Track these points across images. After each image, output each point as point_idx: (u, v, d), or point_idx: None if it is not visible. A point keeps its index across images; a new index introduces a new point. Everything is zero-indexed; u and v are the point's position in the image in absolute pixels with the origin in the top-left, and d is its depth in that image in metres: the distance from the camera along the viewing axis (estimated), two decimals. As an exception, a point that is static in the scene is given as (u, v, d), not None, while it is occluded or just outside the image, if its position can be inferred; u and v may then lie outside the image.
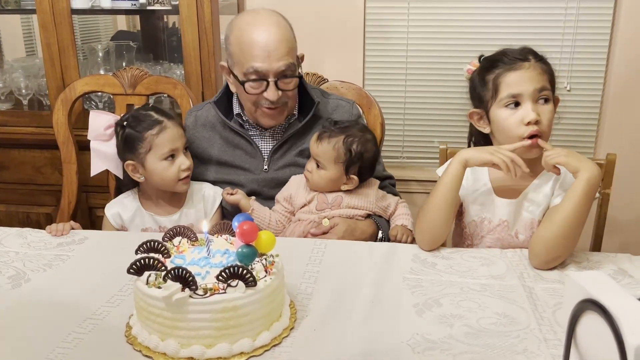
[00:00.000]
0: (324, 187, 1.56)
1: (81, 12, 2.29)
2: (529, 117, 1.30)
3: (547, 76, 1.34)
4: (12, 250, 1.38)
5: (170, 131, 1.53)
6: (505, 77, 1.33)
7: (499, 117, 1.35)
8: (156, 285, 0.93)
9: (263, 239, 1.00)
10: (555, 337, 0.99)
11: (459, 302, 1.11)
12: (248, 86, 1.54)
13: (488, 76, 1.36)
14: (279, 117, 1.62)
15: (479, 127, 1.43)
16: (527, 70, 1.32)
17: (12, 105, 2.44)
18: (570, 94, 2.41)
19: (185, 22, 2.11)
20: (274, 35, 1.51)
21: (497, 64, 1.35)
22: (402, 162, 2.60)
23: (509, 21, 2.37)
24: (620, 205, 2.31)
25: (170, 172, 1.53)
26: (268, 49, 1.49)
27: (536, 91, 1.31)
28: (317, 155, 1.53)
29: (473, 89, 1.43)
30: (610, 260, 1.29)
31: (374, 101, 1.87)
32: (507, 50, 1.38)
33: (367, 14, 2.44)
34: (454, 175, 1.32)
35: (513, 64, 1.33)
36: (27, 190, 2.40)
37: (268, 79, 1.52)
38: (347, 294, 1.15)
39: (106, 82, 1.91)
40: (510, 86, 1.32)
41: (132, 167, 1.56)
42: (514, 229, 1.40)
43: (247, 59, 1.51)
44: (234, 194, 1.58)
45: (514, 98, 1.32)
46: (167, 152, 1.52)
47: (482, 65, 1.41)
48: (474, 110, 1.42)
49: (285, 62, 1.51)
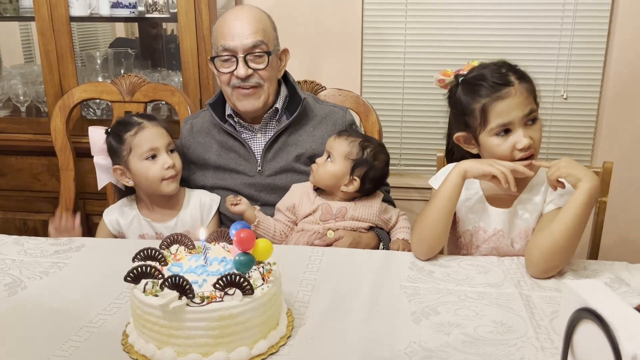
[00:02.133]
0: (326, 181, 1.56)
1: (80, 20, 2.30)
2: (523, 144, 1.29)
3: (532, 96, 1.32)
4: (8, 258, 1.38)
5: (149, 131, 1.54)
6: (493, 107, 1.29)
7: (489, 144, 1.33)
8: (153, 293, 0.93)
9: (260, 247, 1.00)
10: (552, 346, 0.99)
11: (456, 310, 1.11)
12: (219, 64, 1.59)
13: (473, 105, 1.32)
14: (255, 100, 1.62)
15: (467, 148, 1.41)
16: (513, 98, 1.28)
17: (10, 112, 2.45)
18: (566, 102, 2.42)
19: (183, 29, 2.12)
20: (244, 16, 1.59)
21: (480, 91, 1.31)
22: (399, 169, 2.60)
23: (506, 29, 2.38)
24: (617, 214, 2.31)
25: (153, 172, 1.53)
26: (237, 28, 1.57)
27: (525, 116, 1.29)
28: (331, 147, 1.56)
29: (457, 114, 1.39)
30: (607, 268, 1.30)
31: (371, 109, 1.88)
32: (485, 74, 1.32)
33: (365, 22, 2.45)
34: (453, 186, 1.32)
35: (498, 92, 1.29)
36: (24, 197, 2.40)
37: (237, 55, 1.57)
38: (344, 301, 1.15)
39: (104, 89, 1.91)
40: (500, 116, 1.29)
41: (120, 172, 1.57)
42: (510, 238, 1.40)
43: (218, 39, 1.59)
44: (238, 204, 1.57)
45: (504, 127, 1.30)
46: (147, 151, 1.53)
47: (464, 91, 1.36)
48: (461, 134, 1.40)
49: (254, 40, 1.57)
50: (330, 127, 1.68)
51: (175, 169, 1.56)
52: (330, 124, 1.69)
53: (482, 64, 1.38)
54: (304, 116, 1.68)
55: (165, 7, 2.20)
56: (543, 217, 1.35)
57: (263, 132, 1.68)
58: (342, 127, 1.69)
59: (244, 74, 1.57)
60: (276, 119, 1.68)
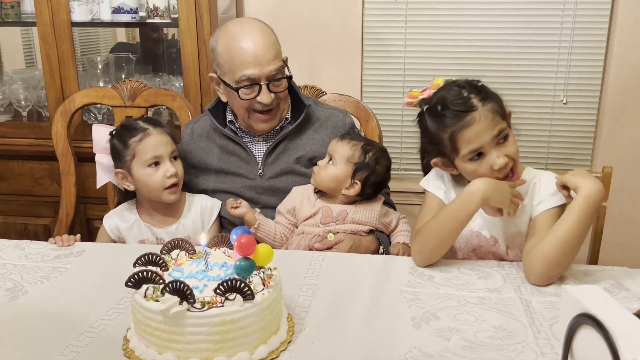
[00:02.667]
0: (327, 184, 1.56)
1: (81, 25, 2.31)
2: (498, 165, 1.27)
3: (498, 115, 1.28)
4: (9, 263, 1.38)
5: (154, 138, 1.53)
6: (460, 135, 1.27)
7: (466, 169, 1.32)
8: (154, 299, 0.93)
9: (261, 252, 1.01)
10: (552, 351, 0.99)
11: (456, 315, 1.11)
12: (242, 93, 1.58)
13: (441, 134, 1.30)
14: (273, 121, 1.64)
15: (447, 171, 1.40)
16: (479, 123, 1.25)
17: (11, 116, 2.45)
18: (566, 107, 2.43)
19: (184, 34, 2.12)
20: (260, 41, 1.56)
21: (444, 121, 1.29)
22: (399, 174, 2.61)
23: (506, 35, 2.39)
24: (616, 219, 2.31)
25: (155, 180, 1.52)
26: (257, 55, 1.55)
27: (495, 137, 1.27)
28: (333, 150, 1.57)
29: (429, 141, 1.37)
30: (607, 273, 1.30)
31: (371, 113, 1.89)
32: (447, 100, 1.29)
33: (365, 27, 2.46)
34: (473, 212, 1.29)
35: (462, 120, 1.26)
36: (25, 201, 2.41)
37: (260, 83, 1.56)
38: (344, 306, 1.15)
39: (105, 94, 1.92)
40: (469, 143, 1.27)
41: (121, 175, 1.57)
42: (504, 245, 1.40)
43: (238, 67, 1.56)
44: (238, 207, 1.57)
45: (475, 152, 1.29)
46: (150, 159, 1.52)
47: (430, 119, 1.33)
48: (437, 160, 1.38)
49: (275, 66, 1.57)
50: (330, 129, 1.69)
51: (178, 177, 1.55)
52: (330, 126, 1.70)
53: (445, 85, 1.35)
54: (306, 120, 1.69)
55: (166, 12, 2.21)
56: (535, 219, 1.34)
57: (265, 136, 1.69)
58: (342, 130, 1.70)
59: (269, 100, 1.57)
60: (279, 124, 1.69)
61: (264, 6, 2.44)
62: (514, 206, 1.30)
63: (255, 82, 1.56)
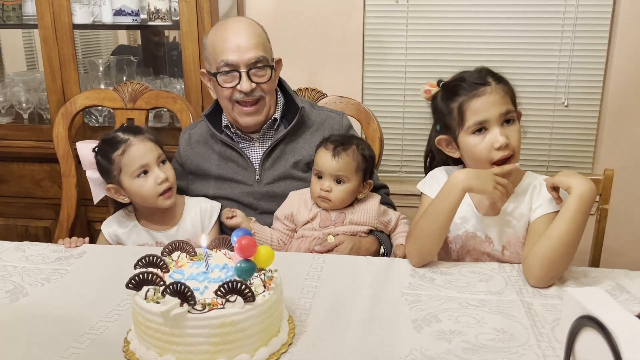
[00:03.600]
0: (347, 201, 1.55)
1: (82, 27, 2.31)
2: (499, 142, 1.30)
3: (509, 97, 1.34)
4: (10, 264, 1.38)
5: (136, 148, 1.50)
6: (469, 104, 1.32)
7: (468, 144, 1.34)
8: (154, 300, 0.93)
9: (262, 254, 1.00)
10: (554, 354, 0.99)
11: (458, 318, 1.11)
12: (221, 79, 1.58)
13: (451, 104, 1.35)
14: (257, 115, 1.63)
15: (448, 152, 1.42)
16: (489, 95, 1.31)
17: (12, 118, 2.45)
18: (567, 109, 2.43)
19: (185, 37, 2.13)
20: (243, 30, 1.58)
21: (458, 91, 1.34)
22: (400, 176, 2.61)
23: (507, 37, 2.39)
24: (618, 221, 2.31)
25: (147, 188, 1.50)
26: (237, 42, 1.56)
27: (502, 115, 1.31)
28: (338, 171, 1.52)
29: (438, 117, 1.42)
30: (608, 276, 1.29)
31: (372, 116, 1.89)
32: (465, 75, 1.37)
33: (366, 29, 2.46)
34: (455, 203, 1.31)
35: (475, 90, 1.32)
36: (26, 203, 2.40)
37: (240, 70, 1.56)
38: (345, 309, 1.15)
39: (106, 96, 1.92)
40: (476, 113, 1.31)
41: (114, 191, 1.56)
42: (500, 246, 1.40)
43: (218, 54, 1.58)
44: (233, 216, 1.58)
45: (480, 124, 1.31)
46: (138, 169, 1.50)
47: (443, 93, 1.39)
48: (442, 137, 1.41)
49: (255, 54, 1.57)
50: (327, 132, 1.67)
51: (169, 182, 1.53)
52: (327, 129, 1.68)
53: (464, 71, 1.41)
54: (301, 123, 1.68)
55: (167, 15, 2.21)
56: (533, 223, 1.35)
57: (261, 141, 1.68)
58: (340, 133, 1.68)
59: (248, 89, 1.57)
60: (274, 128, 1.68)
61: (265, 8, 2.45)
62: (498, 192, 1.28)
63: (234, 68, 1.56)
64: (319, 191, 1.54)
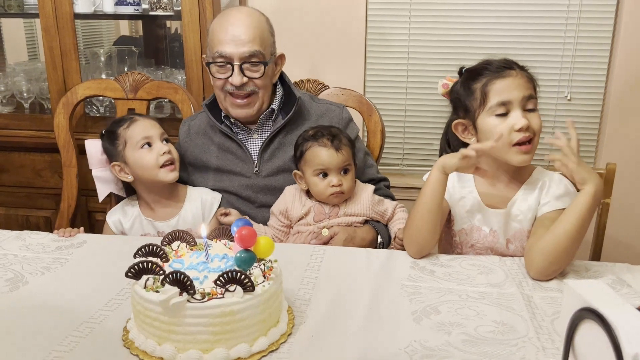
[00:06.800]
0: (354, 186, 1.57)
1: (84, 17, 2.30)
2: (520, 124, 1.29)
3: (532, 85, 1.35)
4: (10, 253, 1.38)
5: (141, 122, 1.58)
6: (494, 84, 1.32)
7: (488, 125, 1.33)
8: (154, 289, 0.93)
9: (262, 244, 1.00)
10: (553, 346, 0.99)
11: (457, 310, 1.11)
12: (214, 70, 1.58)
13: (475, 85, 1.35)
14: (248, 108, 1.61)
15: (463, 138, 1.41)
16: (514, 78, 1.32)
17: (13, 108, 2.45)
18: (570, 103, 2.42)
19: (187, 27, 2.12)
20: (242, 21, 1.56)
21: (483, 72, 1.35)
22: (402, 169, 2.60)
23: (510, 31, 2.38)
24: (619, 215, 2.30)
25: (149, 159, 1.55)
26: (234, 34, 1.54)
27: (525, 99, 1.31)
28: (344, 162, 1.53)
29: (457, 100, 1.42)
30: (609, 269, 1.29)
31: (374, 108, 1.88)
32: (490, 60, 1.38)
33: (369, 21, 2.45)
34: (434, 182, 1.33)
35: (500, 72, 1.33)
36: (26, 193, 2.41)
37: (233, 63, 1.55)
38: (345, 300, 1.15)
39: (108, 86, 1.92)
40: (500, 93, 1.31)
41: (118, 168, 1.59)
42: (505, 239, 1.40)
43: (215, 44, 1.57)
44: (228, 215, 1.58)
45: (503, 105, 1.31)
46: (142, 140, 1.56)
47: (466, 76, 1.40)
48: (459, 121, 1.40)
49: (251, 48, 1.55)
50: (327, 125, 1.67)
51: (172, 155, 1.58)
52: (327, 122, 1.66)
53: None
54: (300, 115, 1.67)
55: (169, 5, 2.20)
56: (539, 218, 1.35)
57: (259, 132, 1.68)
58: (340, 126, 1.67)
59: (239, 82, 1.56)
60: (272, 119, 1.67)
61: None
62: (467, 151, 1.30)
63: (228, 60, 1.55)
64: (331, 189, 1.52)
